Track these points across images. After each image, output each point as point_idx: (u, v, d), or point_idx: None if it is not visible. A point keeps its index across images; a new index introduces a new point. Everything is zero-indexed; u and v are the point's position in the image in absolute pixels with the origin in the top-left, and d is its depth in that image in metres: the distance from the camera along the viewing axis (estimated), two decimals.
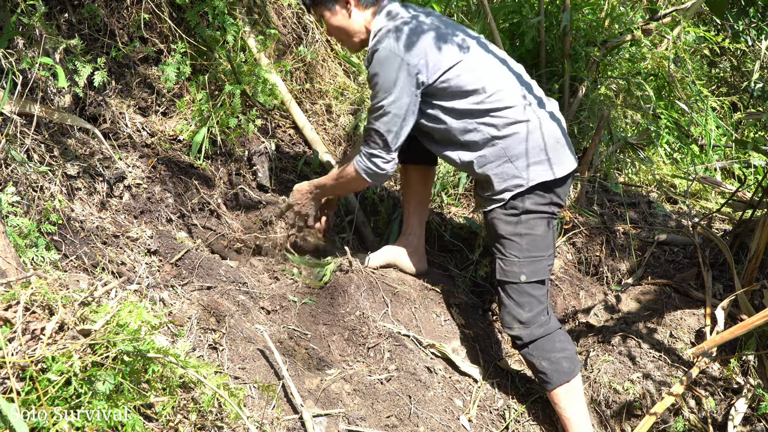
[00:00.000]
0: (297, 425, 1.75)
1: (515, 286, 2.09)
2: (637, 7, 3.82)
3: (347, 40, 2.21)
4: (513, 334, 2.12)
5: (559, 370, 2.07)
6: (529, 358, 2.12)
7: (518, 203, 2.05)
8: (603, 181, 3.12)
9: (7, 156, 1.84)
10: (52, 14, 2.29)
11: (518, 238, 2.07)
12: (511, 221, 2.07)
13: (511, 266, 2.09)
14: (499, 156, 2.05)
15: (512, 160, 2.04)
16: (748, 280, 2.34)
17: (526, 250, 2.07)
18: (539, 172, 2.04)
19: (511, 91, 2.07)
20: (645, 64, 3.64)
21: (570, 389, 2.08)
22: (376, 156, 2.11)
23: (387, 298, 2.37)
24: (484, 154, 2.07)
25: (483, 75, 2.05)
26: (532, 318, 2.08)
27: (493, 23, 3.07)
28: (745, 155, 3.95)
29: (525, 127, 2.04)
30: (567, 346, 2.10)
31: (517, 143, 2.04)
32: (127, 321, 1.29)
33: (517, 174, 2.04)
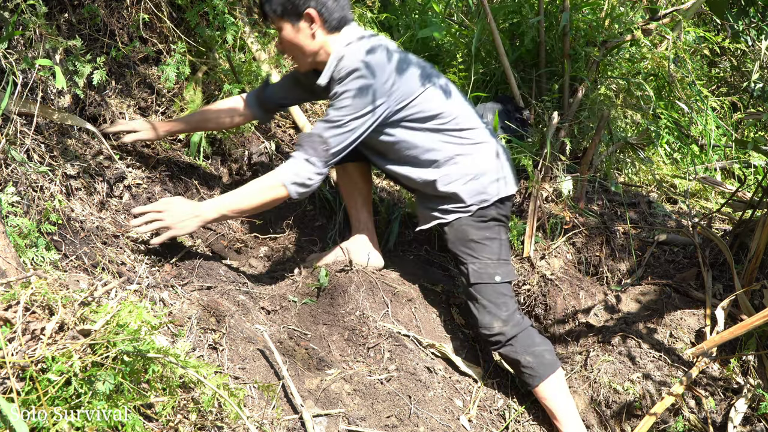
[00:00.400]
0: (297, 425, 1.75)
1: (491, 287, 2.17)
2: (637, 7, 3.82)
3: (299, 58, 2.14)
4: (494, 332, 2.16)
5: (544, 363, 2.13)
6: (513, 355, 2.16)
7: (485, 212, 2.19)
8: (603, 181, 3.12)
9: (7, 156, 1.84)
10: (52, 14, 2.29)
11: (489, 241, 2.19)
12: (481, 226, 2.20)
13: (486, 268, 2.18)
14: (464, 174, 2.16)
15: (477, 177, 2.17)
16: (748, 280, 2.34)
17: (497, 252, 2.20)
18: (500, 187, 2.21)
19: (470, 116, 2.20)
20: (645, 64, 3.64)
21: (556, 381, 2.14)
22: (309, 163, 2.00)
23: (387, 298, 2.37)
24: (448, 173, 2.16)
25: (444, 102, 2.14)
26: (510, 315, 2.16)
27: (493, 23, 3.07)
28: (745, 155, 3.95)
29: (486, 147, 2.19)
30: (544, 341, 2.19)
31: (481, 162, 2.17)
32: (127, 321, 1.29)
33: (483, 190, 2.18)
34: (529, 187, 2.86)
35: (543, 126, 3.15)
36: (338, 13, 2.05)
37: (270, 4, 2.04)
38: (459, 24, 3.74)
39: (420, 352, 2.28)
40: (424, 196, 2.29)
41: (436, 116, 2.12)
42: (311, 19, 2.02)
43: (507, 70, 3.20)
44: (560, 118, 3.15)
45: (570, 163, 3.07)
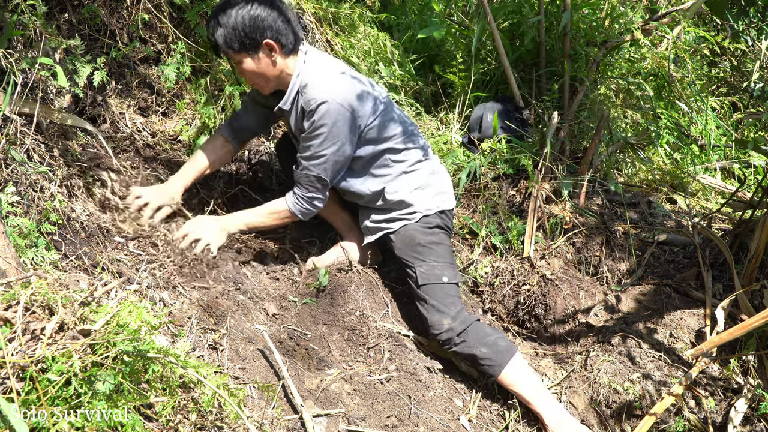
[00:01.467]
0: (297, 425, 1.75)
1: (439, 287, 2.23)
2: (637, 7, 3.82)
3: (263, 84, 2.18)
4: (444, 330, 2.19)
5: (500, 350, 2.16)
6: (467, 350, 2.18)
7: (429, 219, 2.33)
8: (603, 181, 3.12)
9: (7, 156, 1.84)
10: (52, 14, 2.29)
11: (435, 246, 2.30)
12: (427, 231, 2.31)
13: (433, 269, 2.26)
14: (409, 184, 2.32)
15: (422, 188, 2.34)
16: (748, 280, 2.34)
17: (443, 255, 2.31)
18: (443, 200, 2.38)
19: (416, 137, 2.36)
20: (645, 64, 3.64)
21: (516, 366, 2.16)
22: (315, 199, 2.24)
23: (387, 298, 2.37)
24: (395, 183, 2.32)
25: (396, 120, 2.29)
26: (458, 313, 2.22)
27: (493, 23, 3.07)
28: (745, 155, 3.95)
29: (429, 164, 2.38)
30: (494, 330, 2.24)
31: (426, 176, 2.35)
32: (127, 321, 1.29)
33: (427, 199, 2.34)
34: (529, 187, 2.86)
35: (543, 126, 3.15)
36: (292, 35, 2.09)
37: (225, 42, 2.02)
38: (459, 24, 3.74)
39: (420, 352, 2.28)
40: (369, 210, 2.39)
41: (391, 137, 2.27)
42: (270, 47, 2.06)
43: (507, 70, 3.20)
44: (560, 118, 3.15)
45: (570, 163, 3.07)
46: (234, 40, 2.01)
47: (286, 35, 2.07)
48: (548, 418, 2.11)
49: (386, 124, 2.26)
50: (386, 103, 2.30)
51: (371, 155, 2.27)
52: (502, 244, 2.73)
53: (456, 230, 2.96)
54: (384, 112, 2.26)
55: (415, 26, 3.68)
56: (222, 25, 1.99)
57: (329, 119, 2.08)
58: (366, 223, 2.42)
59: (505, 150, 3.04)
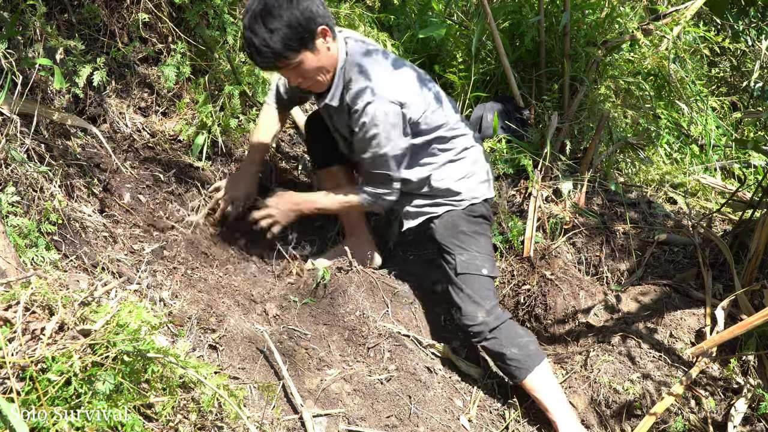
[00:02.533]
0: (297, 425, 1.75)
1: (477, 278, 2.21)
2: (637, 7, 3.82)
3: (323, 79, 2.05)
4: (478, 322, 2.17)
5: (530, 354, 2.14)
6: (497, 348, 2.16)
7: (474, 208, 2.30)
8: (603, 181, 3.12)
9: (7, 156, 1.84)
10: (52, 14, 2.29)
11: (477, 235, 2.28)
12: (471, 220, 2.29)
13: (474, 260, 2.23)
14: (456, 173, 2.28)
15: (468, 176, 2.30)
16: (748, 280, 2.34)
17: (485, 247, 2.28)
18: (487, 188, 2.36)
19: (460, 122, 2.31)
20: (645, 64, 3.64)
21: (543, 372, 2.14)
22: (386, 194, 2.21)
23: (387, 298, 2.37)
24: (441, 171, 2.27)
25: (445, 109, 2.24)
26: (493, 308, 2.20)
27: (493, 23, 3.07)
28: (745, 155, 3.95)
29: (474, 152, 2.32)
30: (526, 332, 2.23)
31: (470, 164, 2.30)
32: (127, 321, 1.29)
33: (473, 187, 2.31)
34: (529, 187, 2.86)
35: (543, 126, 3.15)
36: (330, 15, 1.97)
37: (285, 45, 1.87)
38: (459, 24, 3.74)
39: (420, 352, 2.28)
40: (412, 195, 2.34)
41: (440, 126, 2.21)
42: (325, 33, 1.94)
43: (507, 70, 3.20)
44: (560, 118, 3.15)
45: (570, 163, 3.07)
46: (293, 38, 1.86)
47: (329, 17, 1.95)
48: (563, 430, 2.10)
49: (437, 114, 2.19)
50: (436, 92, 2.23)
51: (420, 145, 2.21)
52: (502, 244, 2.73)
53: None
54: (435, 101, 2.20)
55: (415, 26, 3.68)
56: (274, 30, 1.84)
57: (380, 119, 2.01)
58: (407, 208, 2.35)
59: (505, 150, 3.04)
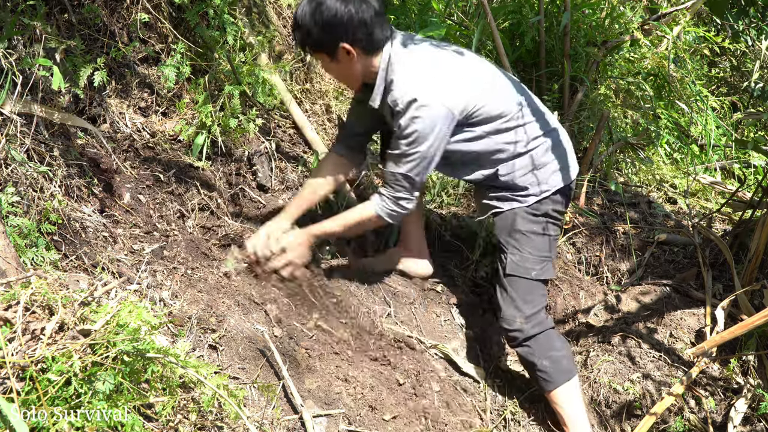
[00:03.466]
0: (297, 425, 1.75)
1: (525, 281, 2.13)
2: (637, 7, 3.82)
3: (349, 82, 2.17)
4: (514, 328, 2.12)
5: (561, 369, 2.09)
6: (529, 356, 2.12)
7: (539, 206, 2.15)
8: (603, 181, 3.12)
9: (7, 156, 1.84)
10: (52, 14, 2.29)
11: (535, 235, 2.15)
12: (532, 219, 2.16)
13: (525, 261, 2.14)
14: (524, 166, 2.14)
15: (539, 168, 2.15)
16: (748, 280, 2.34)
17: (541, 248, 2.15)
18: (559, 178, 2.17)
19: (527, 108, 2.14)
20: (645, 64, 3.64)
21: (570, 388, 2.10)
22: (402, 199, 2.09)
23: (389, 298, 2.37)
24: (509, 165, 2.14)
25: (502, 98, 2.09)
26: (535, 314, 2.12)
27: (493, 23, 3.07)
28: (745, 155, 3.95)
29: (546, 139, 2.16)
30: (564, 345, 2.15)
31: (542, 153, 2.14)
32: (127, 321, 1.29)
33: (543, 180, 2.15)
34: None
35: None
36: (372, 36, 1.97)
37: (305, 40, 2.00)
38: (459, 24, 3.74)
39: (421, 352, 2.28)
40: (483, 187, 2.26)
41: (497, 117, 2.08)
42: (347, 51, 1.98)
43: (507, 70, 3.20)
44: (560, 118, 3.15)
45: None
46: (312, 40, 1.97)
47: (362, 37, 1.96)
48: None
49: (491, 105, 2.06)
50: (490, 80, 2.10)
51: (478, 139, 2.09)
52: None
53: (456, 230, 2.96)
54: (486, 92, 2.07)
55: (415, 26, 3.68)
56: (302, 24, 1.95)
57: (419, 118, 1.95)
58: (479, 201, 2.30)
59: None
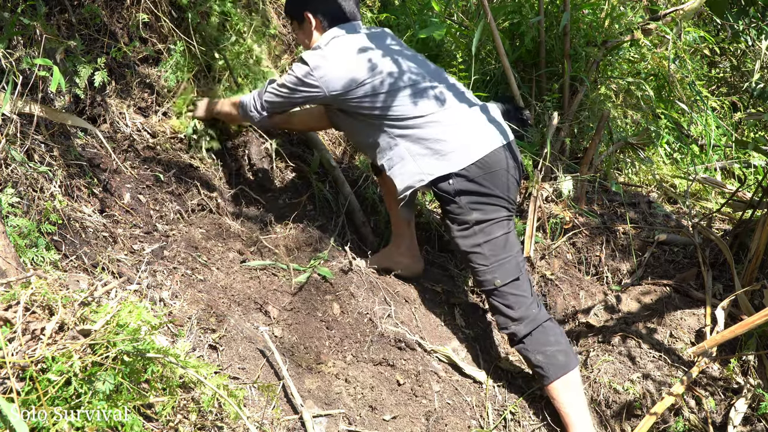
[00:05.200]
0: (297, 425, 1.75)
1: (496, 292, 2.18)
2: (637, 7, 3.82)
3: None
4: (509, 331, 2.18)
5: (555, 364, 2.11)
6: (525, 353, 2.16)
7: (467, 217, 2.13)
8: (603, 181, 3.12)
9: (7, 156, 1.84)
10: (52, 14, 2.29)
11: (479, 248, 2.16)
12: (467, 235, 2.17)
13: (484, 275, 2.18)
14: (402, 156, 2.18)
15: (414, 158, 2.16)
16: (748, 280, 2.34)
17: (491, 256, 2.16)
18: (438, 165, 2.11)
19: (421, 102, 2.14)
20: (645, 64, 3.64)
21: (567, 383, 2.11)
22: (254, 98, 2.36)
23: (388, 298, 2.37)
24: (391, 156, 2.20)
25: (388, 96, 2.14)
26: (524, 313, 2.15)
27: (493, 23, 3.07)
28: (745, 155, 3.95)
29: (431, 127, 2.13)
30: (561, 339, 2.15)
31: (415, 143, 2.14)
32: (127, 321, 1.29)
33: (419, 170, 2.15)
34: (529, 187, 2.86)
35: (543, 126, 3.15)
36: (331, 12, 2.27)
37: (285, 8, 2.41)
38: (459, 24, 3.74)
39: (421, 352, 2.28)
40: None
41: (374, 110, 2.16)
42: (309, 21, 2.29)
43: (507, 70, 3.20)
44: (560, 118, 3.15)
45: (570, 163, 3.07)
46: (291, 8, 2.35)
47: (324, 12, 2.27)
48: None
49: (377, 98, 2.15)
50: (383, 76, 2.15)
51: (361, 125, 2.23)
52: None
53: None
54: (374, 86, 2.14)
55: (415, 26, 3.68)
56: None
57: (298, 63, 2.22)
58: None
59: None
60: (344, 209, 2.87)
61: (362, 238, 2.88)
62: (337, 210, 2.87)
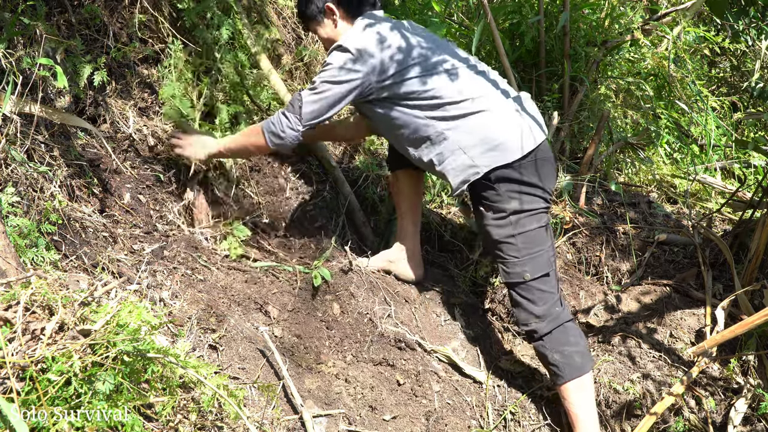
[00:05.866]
0: (297, 425, 1.75)
1: (523, 285, 2.12)
2: (637, 7, 3.82)
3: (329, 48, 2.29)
4: (530, 327, 2.12)
5: (571, 365, 2.08)
6: (542, 350, 2.12)
7: (504, 205, 2.08)
8: (603, 181, 3.12)
9: (7, 156, 1.84)
10: (52, 14, 2.29)
11: (513, 239, 2.11)
12: (501, 224, 2.11)
13: (513, 267, 2.12)
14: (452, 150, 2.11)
15: (466, 151, 2.09)
16: (748, 280, 2.34)
17: (524, 248, 2.10)
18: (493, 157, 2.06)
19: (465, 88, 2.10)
20: (645, 64, 3.64)
21: (580, 385, 2.08)
22: (286, 117, 2.14)
23: (388, 298, 2.37)
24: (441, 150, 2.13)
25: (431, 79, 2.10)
26: (547, 311, 2.10)
27: (493, 23, 3.06)
28: (745, 155, 3.95)
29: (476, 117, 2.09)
30: (580, 340, 2.11)
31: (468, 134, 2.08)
32: (127, 321, 1.29)
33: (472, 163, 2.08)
34: None
35: None
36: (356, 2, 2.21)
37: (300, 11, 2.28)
38: (459, 24, 3.74)
39: (421, 353, 2.28)
40: None
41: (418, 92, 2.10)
42: (332, 11, 2.20)
43: (507, 70, 3.19)
44: (560, 118, 3.15)
45: (570, 163, 3.07)
46: (309, 8, 2.22)
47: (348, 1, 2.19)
48: None
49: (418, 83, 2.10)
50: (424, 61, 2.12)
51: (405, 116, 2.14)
52: None
53: (456, 230, 2.96)
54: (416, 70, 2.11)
55: None
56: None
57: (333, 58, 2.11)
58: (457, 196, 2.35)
59: None
60: (344, 209, 2.87)
61: (362, 238, 2.88)
62: (337, 210, 2.87)
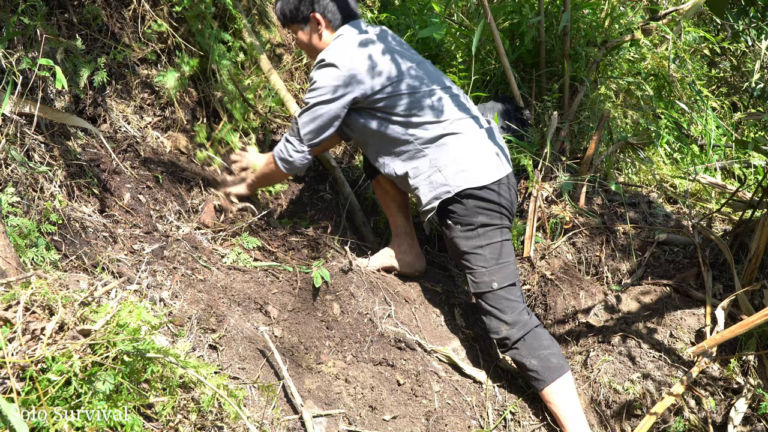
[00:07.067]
0: (297, 425, 1.75)
1: (490, 295, 2.19)
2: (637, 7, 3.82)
3: (313, 56, 2.34)
4: (500, 337, 2.19)
5: (549, 367, 2.12)
6: (518, 358, 2.17)
7: (472, 219, 2.17)
8: (603, 181, 3.12)
9: (7, 156, 1.84)
10: (52, 14, 2.29)
11: (481, 249, 2.20)
12: (470, 236, 2.20)
13: (482, 277, 2.20)
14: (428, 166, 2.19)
15: (441, 169, 2.18)
16: (748, 280, 2.34)
17: (491, 258, 2.20)
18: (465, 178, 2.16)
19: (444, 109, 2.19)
20: (645, 64, 3.64)
21: (562, 386, 2.12)
22: (290, 142, 2.26)
23: (388, 298, 2.37)
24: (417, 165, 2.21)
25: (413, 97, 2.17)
26: (516, 318, 2.17)
27: (493, 23, 3.06)
28: (745, 155, 3.95)
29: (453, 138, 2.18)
30: (552, 343, 2.18)
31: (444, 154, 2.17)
32: (127, 321, 1.29)
33: (445, 182, 2.17)
34: (529, 187, 2.86)
35: (543, 126, 3.15)
36: (340, 13, 2.24)
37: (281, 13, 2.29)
38: (459, 24, 3.74)
39: (421, 353, 2.28)
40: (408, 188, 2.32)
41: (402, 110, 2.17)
42: (317, 21, 2.24)
43: (507, 70, 3.20)
44: (560, 118, 3.15)
45: (570, 163, 3.07)
46: (287, 11, 2.27)
47: (333, 12, 2.24)
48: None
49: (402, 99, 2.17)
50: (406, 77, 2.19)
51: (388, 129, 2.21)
52: None
53: None
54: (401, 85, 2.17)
55: (415, 26, 3.68)
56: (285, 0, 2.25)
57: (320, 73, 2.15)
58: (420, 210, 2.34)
59: None
60: (344, 209, 2.87)
61: (362, 238, 2.88)
62: (337, 210, 2.88)
